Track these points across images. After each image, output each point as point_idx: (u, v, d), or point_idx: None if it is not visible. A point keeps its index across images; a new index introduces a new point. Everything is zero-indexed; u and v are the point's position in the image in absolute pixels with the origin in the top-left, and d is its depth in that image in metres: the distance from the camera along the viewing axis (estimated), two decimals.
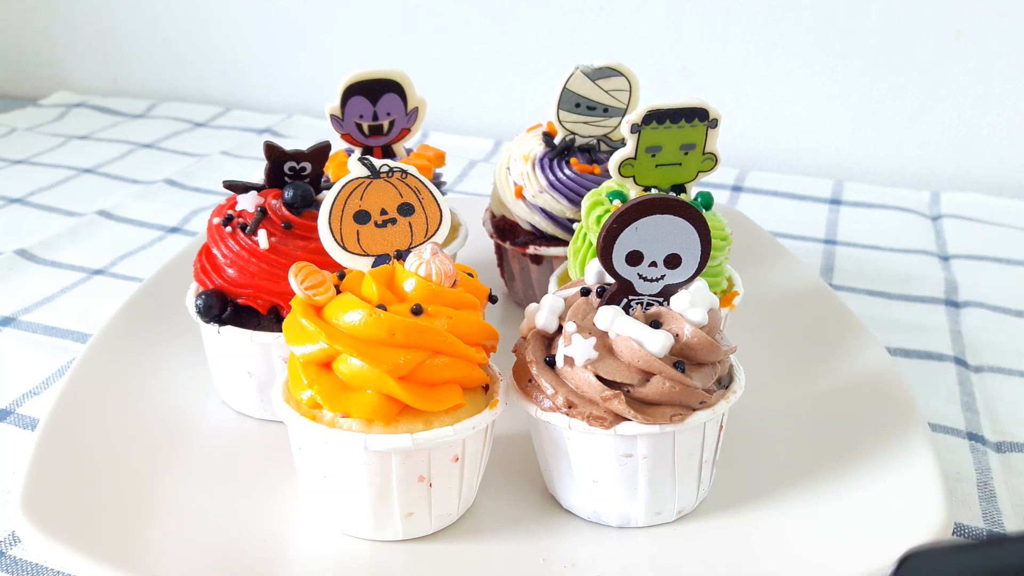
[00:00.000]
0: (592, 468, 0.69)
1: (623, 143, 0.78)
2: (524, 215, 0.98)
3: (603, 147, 0.98)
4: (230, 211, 0.81)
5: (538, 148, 0.98)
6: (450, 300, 0.67)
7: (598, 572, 0.66)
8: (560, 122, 0.96)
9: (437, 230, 0.73)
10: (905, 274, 1.21)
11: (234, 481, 0.75)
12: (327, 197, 0.70)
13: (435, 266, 0.67)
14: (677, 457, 0.68)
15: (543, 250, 0.97)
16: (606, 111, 0.96)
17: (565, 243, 0.97)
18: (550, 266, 0.99)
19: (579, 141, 0.98)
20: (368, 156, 0.73)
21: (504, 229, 1.02)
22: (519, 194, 0.97)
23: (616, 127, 0.97)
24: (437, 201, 0.73)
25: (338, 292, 0.68)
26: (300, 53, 1.90)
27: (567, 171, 0.95)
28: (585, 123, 0.96)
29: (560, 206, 0.95)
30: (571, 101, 0.95)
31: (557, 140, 0.98)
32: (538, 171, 0.96)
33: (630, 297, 0.68)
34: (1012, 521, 0.76)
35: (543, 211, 0.96)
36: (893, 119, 1.58)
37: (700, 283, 0.68)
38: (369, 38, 1.84)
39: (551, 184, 0.95)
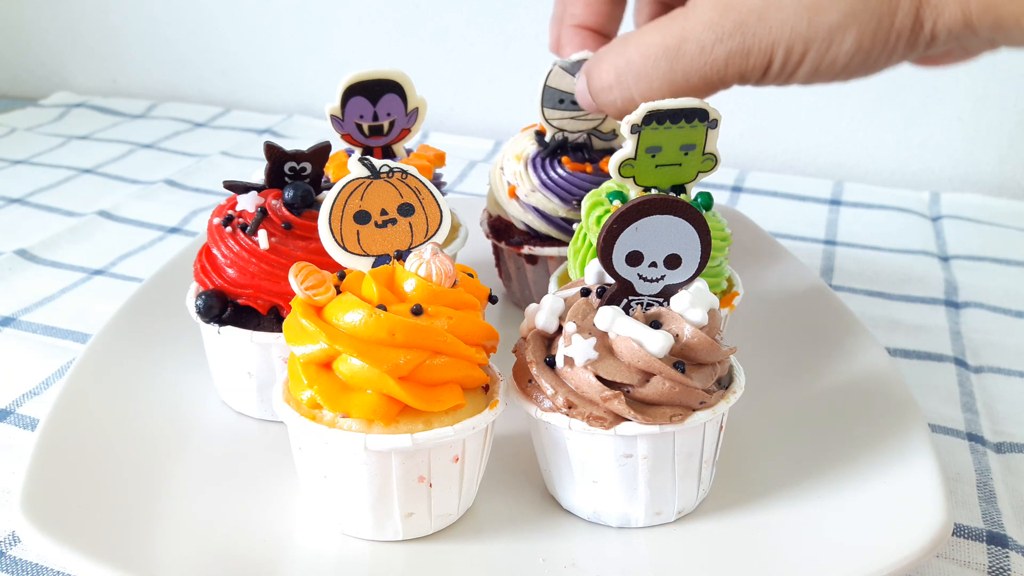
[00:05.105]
0: (592, 468, 0.69)
1: (614, 134, 0.77)
2: (518, 214, 0.98)
3: (595, 141, 0.98)
4: (230, 211, 0.81)
5: (531, 147, 0.99)
6: (450, 300, 0.67)
7: (598, 572, 0.66)
8: (546, 120, 0.96)
9: (437, 230, 0.73)
10: (905, 274, 1.21)
11: (234, 481, 0.75)
12: (327, 197, 0.70)
13: (435, 266, 0.67)
14: (677, 457, 0.68)
15: (538, 250, 0.97)
16: None
17: (560, 243, 0.97)
18: (545, 266, 0.99)
19: (570, 137, 0.98)
20: (368, 156, 0.73)
21: (500, 229, 1.02)
22: (512, 193, 0.97)
23: (603, 119, 0.97)
24: (437, 201, 0.73)
25: (338, 292, 0.68)
26: (300, 53, 1.90)
27: (559, 170, 0.95)
28: (571, 118, 0.96)
29: (552, 205, 0.95)
30: (554, 98, 0.95)
31: (548, 138, 0.98)
32: (530, 170, 0.97)
33: (630, 297, 0.68)
34: (1012, 522, 0.75)
35: (536, 210, 0.96)
36: (893, 119, 1.58)
37: (700, 283, 0.68)
38: (369, 38, 1.84)
39: (543, 183, 0.95)
